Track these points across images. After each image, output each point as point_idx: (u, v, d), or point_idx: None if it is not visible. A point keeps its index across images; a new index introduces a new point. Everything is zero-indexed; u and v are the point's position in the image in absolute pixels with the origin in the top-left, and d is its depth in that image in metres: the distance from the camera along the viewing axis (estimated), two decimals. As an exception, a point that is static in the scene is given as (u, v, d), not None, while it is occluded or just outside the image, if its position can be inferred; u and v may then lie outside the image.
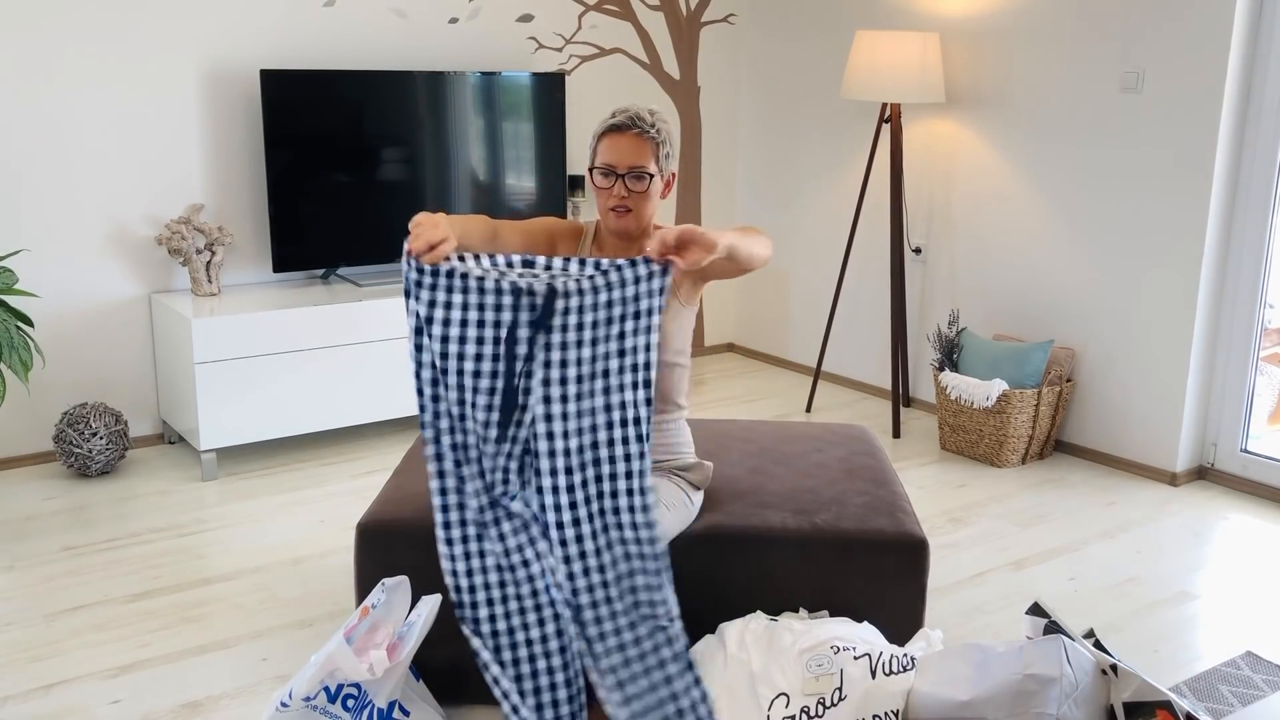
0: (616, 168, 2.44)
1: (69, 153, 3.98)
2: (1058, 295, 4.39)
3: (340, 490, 3.94)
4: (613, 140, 2.45)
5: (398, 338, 4.24)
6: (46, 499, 3.82)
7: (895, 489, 2.80)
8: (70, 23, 3.90)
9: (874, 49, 4.40)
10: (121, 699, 2.66)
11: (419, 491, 2.69)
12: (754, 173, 5.58)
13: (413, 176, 4.48)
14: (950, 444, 4.42)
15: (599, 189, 2.47)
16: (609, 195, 2.46)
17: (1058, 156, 4.32)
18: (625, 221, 2.47)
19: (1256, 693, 2.74)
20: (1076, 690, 2.17)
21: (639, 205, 2.46)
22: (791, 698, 2.31)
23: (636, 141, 2.44)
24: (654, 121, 2.47)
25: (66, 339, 4.09)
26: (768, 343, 5.67)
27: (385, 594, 2.40)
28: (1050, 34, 4.27)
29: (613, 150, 2.45)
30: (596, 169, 2.47)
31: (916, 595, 2.60)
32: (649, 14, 5.19)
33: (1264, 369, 4.12)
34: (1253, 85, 3.86)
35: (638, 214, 2.46)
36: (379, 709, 2.32)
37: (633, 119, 2.45)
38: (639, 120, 2.45)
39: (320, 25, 4.37)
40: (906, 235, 4.91)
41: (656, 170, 2.46)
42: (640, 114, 2.46)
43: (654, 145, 2.45)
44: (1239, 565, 3.47)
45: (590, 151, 2.51)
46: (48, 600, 3.13)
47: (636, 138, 2.44)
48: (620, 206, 2.45)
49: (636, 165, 2.44)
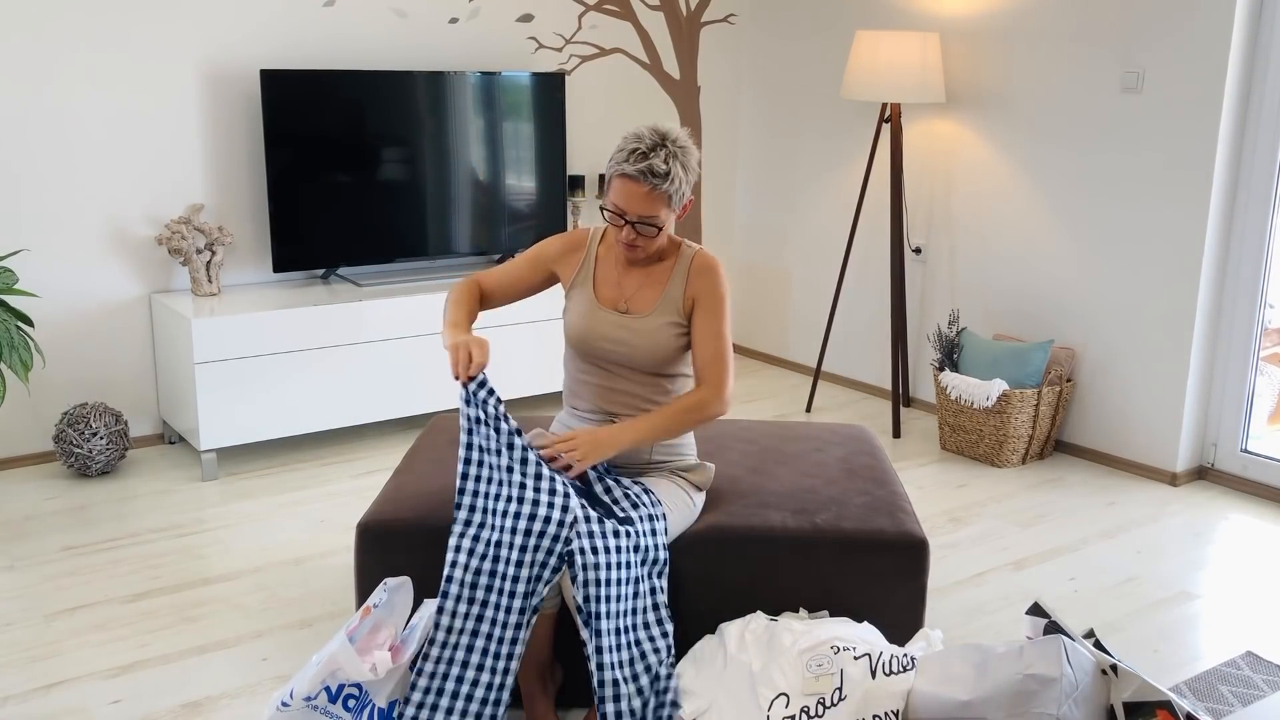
0: (626, 214, 2.44)
1: (69, 152, 3.98)
2: (1058, 295, 4.39)
3: (340, 490, 3.94)
4: (625, 185, 2.41)
5: (397, 338, 4.25)
6: (46, 499, 3.82)
7: (895, 489, 2.80)
8: (71, 23, 3.90)
9: (874, 49, 4.40)
10: (121, 699, 2.66)
11: (419, 491, 2.69)
12: (754, 173, 5.58)
13: (413, 176, 4.48)
14: (950, 444, 4.42)
15: (609, 223, 2.49)
16: (618, 232, 2.48)
17: (1058, 156, 4.32)
18: (635, 254, 2.51)
19: (1256, 693, 2.74)
20: (1076, 690, 2.17)
21: (647, 244, 2.50)
22: (791, 698, 2.31)
23: (648, 194, 2.41)
24: (669, 170, 2.39)
25: (66, 339, 4.09)
26: (768, 343, 5.67)
27: (387, 594, 2.40)
28: (1050, 34, 4.27)
29: (624, 196, 2.42)
30: (607, 209, 2.46)
31: (916, 595, 2.60)
32: (649, 14, 5.18)
33: (1264, 369, 4.12)
34: (1253, 85, 3.86)
35: (646, 249, 2.50)
36: (379, 709, 2.32)
37: (646, 172, 2.38)
38: (653, 174, 2.38)
39: (320, 25, 4.37)
40: (906, 235, 4.91)
41: (668, 215, 2.46)
42: (655, 165, 2.38)
43: (665, 197, 2.42)
44: (1239, 565, 3.47)
45: (605, 180, 2.48)
46: (48, 600, 3.13)
47: (649, 192, 2.40)
48: (630, 245, 2.48)
49: (646, 216, 2.43)
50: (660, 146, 2.40)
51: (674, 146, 2.42)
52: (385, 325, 4.21)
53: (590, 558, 2.28)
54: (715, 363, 2.50)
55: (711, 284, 2.54)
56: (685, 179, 2.44)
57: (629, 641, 2.34)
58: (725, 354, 2.51)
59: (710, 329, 2.52)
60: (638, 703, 2.32)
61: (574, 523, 2.30)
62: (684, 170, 2.43)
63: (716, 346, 2.51)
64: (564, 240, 2.64)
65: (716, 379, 2.49)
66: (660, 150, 2.40)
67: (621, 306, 2.55)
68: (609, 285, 2.58)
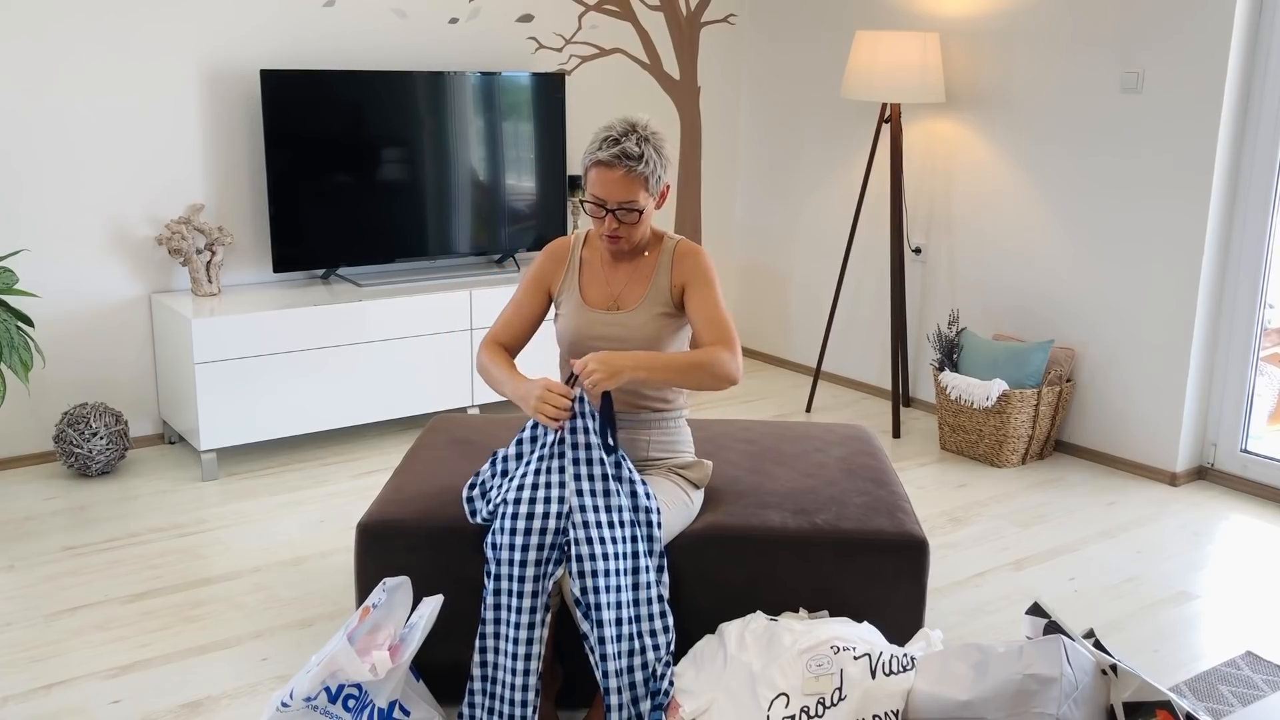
0: (606, 203, 2.46)
1: (69, 153, 3.98)
2: (1058, 295, 4.39)
3: (340, 490, 3.94)
4: (600, 173, 2.44)
5: (397, 338, 4.25)
6: (46, 499, 3.82)
7: (895, 489, 2.80)
8: (71, 23, 3.90)
9: (874, 49, 4.40)
10: (121, 699, 2.66)
11: (419, 491, 2.69)
12: (754, 173, 5.58)
13: (413, 176, 4.48)
14: (950, 444, 4.42)
15: (591, 216, 2.50)
16: (600, 224, 2.50)
17: (1058, 156, 4.32)
18: (619, 246, 2.52)
19: (1256, 693, 2.74)
20: (1076, 690, 2.17)
21: (630, 233, 2.51)
22: (791, 698, 2.31)
23: (624, 178, 2.43)
24: (641, 152, 2.43)
25: (66, 339, 4.09)
26: (767, 343, 5.67)
27: (386, 594, 2.40)
28: (1050, 34, 4.27)
29: (601, 185, 2.45)
30: (586, 201, 2.48)
31: (916, 595, 2.60)
32: (649, 14, 5.18)
33: (1264, 369, 4.12)
34: (1253, 85, 3.86)
35: (629, 238, 2.52)
36: (379, 709, 2.32)
37: (620, 155, 2.41)
38: (627, 156, 2.41)
39: (320, 25, 4.37)
40: (906, 235, 4.91)
41: (647, 199, 2.48)
42: (628, 148, 2.42)
43: (642, 179, 2.44)
44: (1239, 565, 3.47)
45: (583, 174, 2.51)
46: (48, 600, 3.13)
47: (625, 175, 2.43)
48: (613, 235, 2.50)
49: (625, 201, 2.45)
50: (631, 132, 2.44)
51: (644, 131, 2.46)
52: (385, 325, 4.21)
53: (586, 548, 2.29)
54: (718, 327, 2.50)
55: (697, 265, 2.56)
56: (659, 161, 2.47)
57: (630, 633, 2.34)
58: (727, 321, 2.51)
59: (706, 301, 2.53)
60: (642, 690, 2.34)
61: (569, 513, 2.31)
62: (656, 154, 2.46)
63: (715, 314, 2.51)
64: (548, 254, 2.66)
65: (724, 340, 2.48)
66: (631, 135, 2.44)
67: (611, 305, 2.57)
68: (597, 286, 2.60)
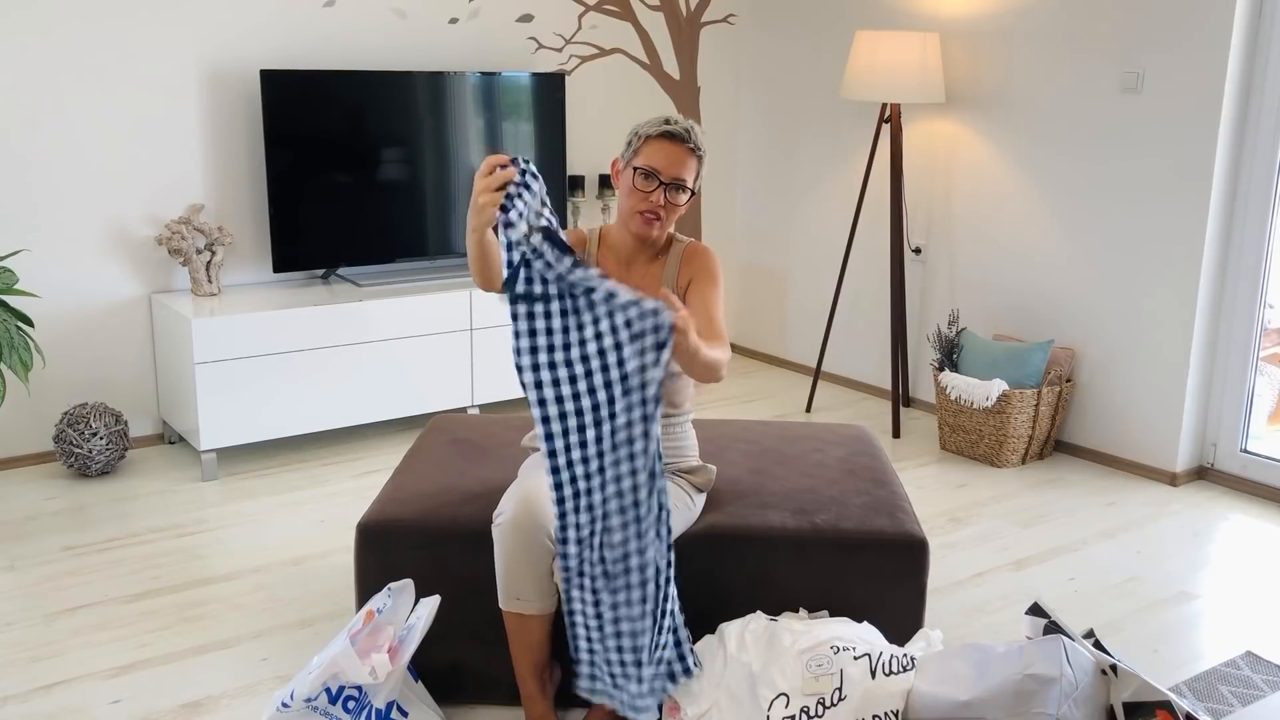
0: (661, 174, 2.43)
1: (70, 153, 3.98)
2: (1058, 295, 4.39)
3: (340, 490, 3.94)
4: (663, 146, 2.43)
5: (397, 338, 4.25)
6: (46, 499, 3.82)
7: (895, 489, 2.80)
8: (72, 24, 3.90)
9: (874, 49, 4.40)
10: (121, 699, 2.66)
11: (419, 491, 2.69)
12: (754, 173, 5.58)
13: (413, 176, 4.48)
14: (950, 444, 4.42)
15: (635, 189, 2.44)
16: (644, 199, 2.44)
17: (1058, 156, 4.32)
18: (652, 228, 2.47)
19: (1256, 693, 2.74)
20: (1076, 690, 2.17)
21: (668, 216, 2.48)
22: (791, 698, 2.31)
23: (687, 154, 2.44)
24: (700, 141, 2.48)
25: (66, 339, 4.09)
26: (767, 343, 5.67)
27: (391, 598, 2.40)
28: (1050, 34, 4.27)
29: (661, 155, 2.42)
30: (639, 169, 2.43)
31: (916, 595, 2.60)
32: (649, 14, 5.18)
33: (1264, 369, 4.12)
34: (1253, 85, 3.86)
35: (664, 224, 2.49)
36: (377, 710, 2.32)
37: (687, 130, 2.45)
38: (692, 134, 2.45)
39: (320, 25, 4.37)
40: (906, 235, 4.91)
41: (694, 186, 2.49)
42: (693, 128, 2.47)
43: (698, 162, 2.47)
44: (1239, 565, 3.47)
45: (629, 149, 2.47)
46: (48, 600, 3.13)
47: (689, 151, 2.44)
48: (652, 213, 2.45)
49: (680, 177, 2.44)
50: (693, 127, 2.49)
51: (698, 128, 2.50)
52: (385, 325, 4.21)
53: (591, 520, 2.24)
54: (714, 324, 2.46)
55: (705, 263, 2.55)
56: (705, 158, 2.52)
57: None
58: (721, 321, 2.49)
59: (707, 299, 2.49)
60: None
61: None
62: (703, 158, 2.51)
63: (713, 312, 2.48)
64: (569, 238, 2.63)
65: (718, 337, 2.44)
66: (695, 126, 2.49)
67: None
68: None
